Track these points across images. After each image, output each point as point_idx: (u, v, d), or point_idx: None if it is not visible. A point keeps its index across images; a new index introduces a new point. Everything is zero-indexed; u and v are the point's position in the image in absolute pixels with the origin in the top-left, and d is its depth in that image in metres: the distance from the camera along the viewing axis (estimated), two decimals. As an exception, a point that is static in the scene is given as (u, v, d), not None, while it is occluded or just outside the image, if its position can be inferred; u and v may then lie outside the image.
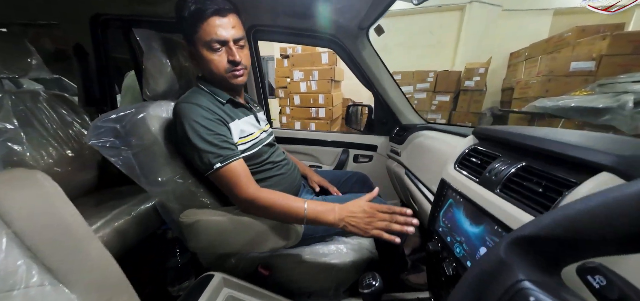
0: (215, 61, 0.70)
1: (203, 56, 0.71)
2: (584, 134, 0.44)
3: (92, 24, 1.19)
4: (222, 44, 0.70)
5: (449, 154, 0.73)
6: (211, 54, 0.70)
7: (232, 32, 0.70)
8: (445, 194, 0.61)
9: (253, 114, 0.86)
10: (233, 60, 0.71)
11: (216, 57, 0.70)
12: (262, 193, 0.67)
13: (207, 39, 0.68)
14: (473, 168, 0.55)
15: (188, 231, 0.72)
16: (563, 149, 0.38)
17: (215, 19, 0.67)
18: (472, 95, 4.15)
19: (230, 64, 0.71)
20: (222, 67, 0.71)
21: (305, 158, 1.44)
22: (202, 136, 0.66)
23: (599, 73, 2.73)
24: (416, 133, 1.05)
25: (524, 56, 3.82)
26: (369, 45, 1.15)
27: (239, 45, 0.72)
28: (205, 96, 0.74)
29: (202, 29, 0.67)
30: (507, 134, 0.49)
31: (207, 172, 0.67)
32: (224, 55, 0.71)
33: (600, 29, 2.97)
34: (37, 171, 0.40)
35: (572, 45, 3.11)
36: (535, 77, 3.14)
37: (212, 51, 0.69)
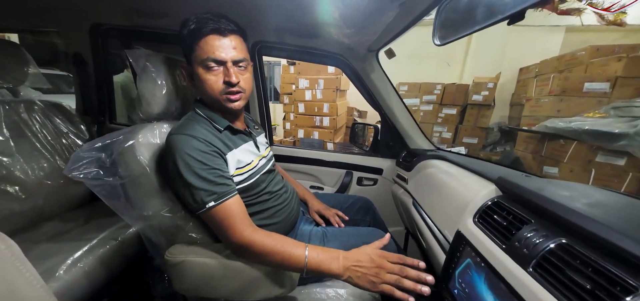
0: (210, 81, 0.66)
1: (199, 76, 0.66)
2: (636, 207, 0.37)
3: (92, 33, 1.15)
4: (219, 63, 0.65)
5: (465, 198, 0.66)
6: (206, 74, 0.66)
7: (231, 53, 0.66)
8: (462, 251, 0.54)
9: (252, 140, 0.80)
10: (229, 81, 0.66)
11: (211, 77, 0.66)
12: (258, 237, 0.60)
13: (203, 57, 0.64)
14: (497, 229, 0.48)
15: (173, 271, 0.65)
16: (621, 242, 0.31)
17: (214, 37, 0.64)
18: (479, 110, 4.07)
19: (225, 86, 0.67)
20: (217, 88, 0.67)
21: (306, 178, 1.37)
22: (195, 171, 0.60)
23: (614, 95, 2.64)
24: (426, 162, 0.98)
25: (534, 72, 3.74)
26: (378, 67, 1.09)
27: (238, 67, 0.68)
28: (201, 123, 0.68)
29: (199, 47, 0.64)
30: (542, 200, 0.42)
31: (198, 210, 0.61)
32: (221, 76, 0.66)
33: (615, 49, 2.89)
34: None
35: (585, 64, 3.02)
36: (546, 96, 3.05)
37: (208, 69, 0.65)
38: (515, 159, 3.25)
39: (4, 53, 1.03)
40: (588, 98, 2.78)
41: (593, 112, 2.59)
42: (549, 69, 3.40)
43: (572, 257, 0.36)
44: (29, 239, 0.94)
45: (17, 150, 1.01)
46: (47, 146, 1.10)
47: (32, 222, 1.04)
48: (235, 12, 0.69)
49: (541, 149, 2.87)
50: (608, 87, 2.67)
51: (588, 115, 2.58)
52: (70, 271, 0.76)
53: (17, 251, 0.36)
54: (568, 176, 2.52)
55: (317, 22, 0.89)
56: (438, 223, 0.74)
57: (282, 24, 0.95)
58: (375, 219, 1.08)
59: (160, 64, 0.72)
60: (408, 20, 0.68)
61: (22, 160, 1.02)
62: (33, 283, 0.37)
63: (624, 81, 2.56)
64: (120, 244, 0.92)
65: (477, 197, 0.57)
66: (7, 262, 0.35)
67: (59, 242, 0.91)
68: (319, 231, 0.87)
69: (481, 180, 0.69)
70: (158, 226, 0.68)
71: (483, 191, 0.57)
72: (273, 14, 0.89)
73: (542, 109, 3.06)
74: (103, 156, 0.61)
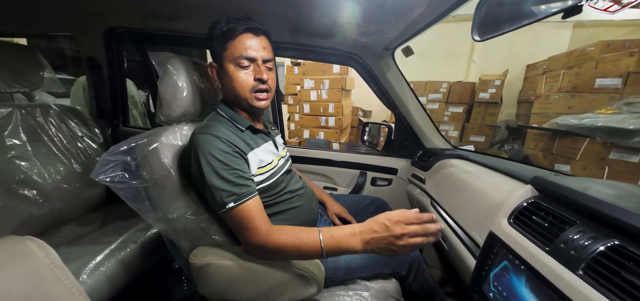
0: (241, 78, 0.68)
1: (229, 73, 0.68)
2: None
3: (106, 37, 1.15)
4: (251, 61, 0.68)
5: (494, 198, 0.64)
6: (238, 71, 0.68)
7: (262, 52, 0.68)
8: (497, 253, 0.52)
9: (271, 139, 0.81)
10: (260, 78, 0.68)
11: (243, 75, 0.68)
12: (273, 235, 0.60)
13: (236, 54, 0.66)
14: (537, 231, 0.46)
15: (197, 274, 0.65)
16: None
17: (247, 36, 0.67)
18: (486, 107, 4.03)
19: (257, 82, 0.69)
20: (248, 85, 0.69)
21: (320, 179, 1.36)
22: (217, 171, 0.61)
23: (626, 91, 2.60)
24: (445, 161, 0.97)
25: (542, 69, 3.69)
26: (394, 66, 1.08)
27: (267, 66, 0.70)
28: (223, 123, 0.69)
29: (232, 45, 0.66)
30: (589, 200, 0.41)
31: (219, 210, 0.62)
32: (251, 73, 0.69)
33: (626, 44, 2.84)
34: (29, 239, 0.34)
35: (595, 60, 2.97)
36: (556, 93, 3.01)
37: (240, 67, 0.67)
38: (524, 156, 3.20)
39: (20, 58, 1.03)
40: (599, 94, 2.74)
41: (605, 108, 2.55)
42: (558, 65, 3.35)
43: (627, 258, 0.34)
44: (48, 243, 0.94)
45: (34, 154, 1.02)
46: (63, 149, 1.11)
47: (50, 226, 1.04)
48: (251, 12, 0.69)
49: (552, 146, 2.83)
50: (620, 83, 2.62)
51: (600, 111, 2.53)
52: (93, 275, 0.76)
53: (55, 258, 0.36)
54: (580, 173, 2.49)
55: (333, 21, 0.88)
56: (463, 224, 0.72)
57: (298, 25, 0.95)
58: None
59: (181, 66, 0.71)
60: (434, 16, 0.67)
61: (39, 164, 1.02)
62: (72, 291, 0.36)
63: (636, 77, 2.51)
64: (140, 247, 0.92)
65: (511, 197, 0.55)
66: (47, 270, 0.35)
67: (79, 245, 0.91)
68: None
69: (509, 180, 0.68)
70: (182, 229, 0.67)
71: (517, 192, 0.56)
72: (289, 15, 0.88)
73: (553, 106, 3.02)
74: (128, 159, 0.61)
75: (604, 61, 2.83)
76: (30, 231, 0.97)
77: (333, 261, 0.74)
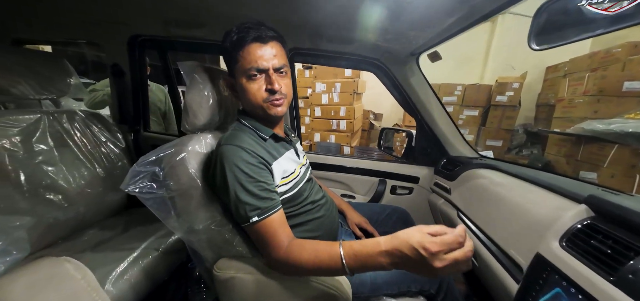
0: (253, 89, 0.66)
1: (242, 86, 0.67)
2: None
3: (130, 44, 1.17)
4: (261, 72, 0.65)
5: (536, 216, 0.60)
6: (249, 83, 0.66)
7: (273, 60, 0.65)
8: (547, 278, 0.48)
9: (293, 147, 0.79)
10: (271, 88, 0.66)
11: (254, 86, 0.66)
12: (294, 250, 0.58)
13: (246, 67, 0.64)
14: (597, 257, 0.42)
15: (221, 287, 0.64)
16: None
17: (255, 46, 0.64)
18: (504, 111, 3.90)
19: (268, 93, 0.67)
20: (260, 96, 0.66)
21: (337, 186, 1.34)
22: (242, 183, 0.60)
23: (659, 95, 2.45)
24: (474, 171, 0.92)
25: (563, 71, 3.54)
26: (418, 71, 1.05)
27: (279, 74, 0.68)
28: (247, 132, 0.68)
29: (242, 58, 0.64)
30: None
31: (243, 224, 0.61)
32: (263, 83, 0.66)
33: (657, 45, 2.68)
34: (66, 260, 0.33)
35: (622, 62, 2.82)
36: (581, 96, 2.88)
37: (250, 79, 0.65)
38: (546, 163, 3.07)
39: (48, 65, 1.06)
40: (628, 98, 2.60)
41: (634, 113, 2.42)
42: (581, 67, 3.21)
43: None
44: (73, 248, 0.96)
45: (60, 159, 1.04)
46: (87, 154, 1.13)
47: (74, 230, 1.06)
48: (273, 20, 0.68)
49: (576, 152, 2.70)
50: (651, 86, 2.48)
51: (629, 116, 2.40)
52: (117, 284, 0.76)
53: (92, 279, 0.35)
54: (608, 181, 2.36)
55: (357, 27, 0.86)
56: (499, 242, 0.68)
57: (320, 31, 0.93)
58: None
59: (206, 75, 0.71)
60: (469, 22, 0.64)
61: (64, 169, 1.04)
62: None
63: (670, 79, 2.36)
64: (162, 254, 0.92)
65: (561, 217, 0.51)
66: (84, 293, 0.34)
67: (102, 251, 0.92)
68: None
69: (552, 195, 0.63)
70: (206, 239, 0.66)
71: (569, 211, 0.51)
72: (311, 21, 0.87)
73: (577, 110, 2.88)
74: (156, 170, 0.61)
75: (632, 63, 2.69)
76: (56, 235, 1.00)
77: (358, 277, 0.71)
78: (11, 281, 0.31)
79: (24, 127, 0.93)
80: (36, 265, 0.32)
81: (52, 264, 0.33)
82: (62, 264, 0.34)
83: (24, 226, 0.83)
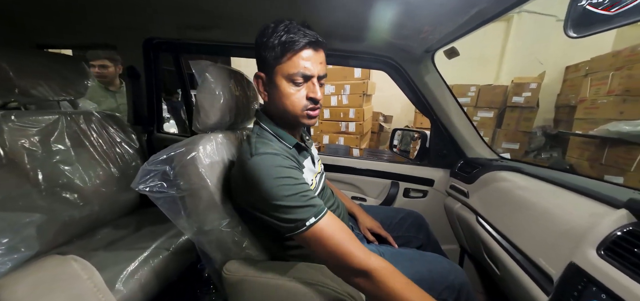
0: (293, 96, 0.62)
1: (280, 89, 0.62)
2: None
3: (145, 47, 1.19)
4: (307, 78, 0.62)
5: (568, 222, 0.55)
6: (291, 88, 0.62)
7: (319, 68, 0.63)
8: (583, 290, 0.44)
9: (310, 155, 0.75)
10: (314, 97, 0.63)
11: (295, 92, 0.62)
12: (385, 266, 0.51)
13: (292, 71, 0.60)
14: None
15: (231, 289, 0.62)
16: None
17: (308, 50, 0.60)
18: (521, 112, 3.76)
19: (309, 101, 0.64)
20: (300, 104, 0.63)
21: (347, 188, 1.31)
22: (288, 189, 0.54)
23: (691, 94, 2.29)
24: (495, 174, 0.87)
25: (584, 71, 3.37)
26: (433, 69, 1.01)
27: (320, 83, 0.65)
28: (272, 140, 0.65)
29: (289, 60, 0.60)
30: None
31: (298, 231, 0.53)
32: (304, 91, 0.63)
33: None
34: (73, 259, 0.32)
35: (651, 60, 2.66)
36: (605, 96, 2.73)
37: (294, 84, 0.62)
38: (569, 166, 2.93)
39: (67, 67, 1.09)
40: (657, 98, 2.44)
41: (665, 114, 2.26)
42: (604, 66, 3.04)
43: None
44: (87, 246, 0.98)
45: (77, 159, 1.06)
46: (103, 154, 1.15)
47: (88, 228, 1.08)
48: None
49: (601, 156, 2.55)
50: (683, 86, 2.32)
51: (658, 117, 2.25)
52: (127, 283, 0.76)
53: (98, 280, 0.34)
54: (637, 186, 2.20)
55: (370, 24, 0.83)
56: (526, 249, 0.63)
57: (331, 29, 0.91)
58: (429, 239, 0.98)
59: (218, 74, 0.70)
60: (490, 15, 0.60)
61: (80, 168, 1.06)
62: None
63: None
64: (172, 255, 0.92)
65: (598, 223, 0.46)
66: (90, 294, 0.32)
67: (115, 250, 0.93)
68: (373, 250, 0.80)
69: (586, 200, 0.58)
70: (216, 241, 0.65)
71: (606, 217, 0.47)
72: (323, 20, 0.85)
73: (600, 111, 2.74)
74: (167, 169, 0.60)
75: (662, 61, 2.53)
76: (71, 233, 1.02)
77: None
78: (15, 280, 0.31)
79: (43, 127, 0.96)
80: (42, 263, 0.31)
81: (58, 263, 0.32)
82: (68, 263, 0.33)
83: (34, 223, 0.84)
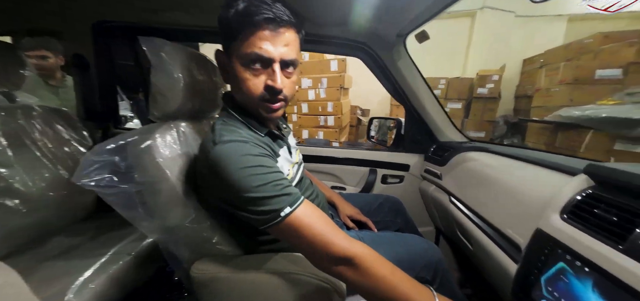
0: (248, 83, 0.54)
1: (236, 72, 0.54)
2: None
3: (95, 31, 1.06)
4: (265, 62, 0.53)
5: (532, 193, 0.58)
6: (245, 72, 0.53)
7: (282, 50, 0.52)
8: (549, 254, 0.46)
9: (286, 144, 0.69)
10: (272, 86, 0.53)
11: (251, 77, 0.53)
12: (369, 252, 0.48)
13: (246, 51, 0.51)
14: (603, 227, 0.40)
15: (202, 290, 0.57)
16: None
17: (265, 28, 0.50)
18: (485, 103, 4.03)
19: (266, 91, 0.54)
20: (256, 92, 0.54)
21: (327, 178, 1.29)
22: (258, 176, 0.48)
23: (627, 81, 2.59)
24: (465, 155, 0.91)
25: (539, 63, 3.69)
26: (406, 54, 1.02)
27: (287, 71, 0.56)
28: (241, 127, 0.58)
29: (244, 37, 0.51)
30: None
31: (272, 222, 0.48)
32: (262, 77, 0.54)
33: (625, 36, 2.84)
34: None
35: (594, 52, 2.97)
36: (557, 85, 3.00)
37: (248, 68, 0.53)
38: (528, 151, 3.17)
39: None
40: (600, 86, 2.73)
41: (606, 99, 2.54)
42: (557, 58, 3.35)
43: None
44: (35, 257, 0.86)
45: (16, 160, 0.92)
46: (48, 154, 1.01)
47: (37, 238, 0.95)
48: None
49: (555, 139, 2.81)
50: (620, 74, 2.62)
51: (602, 102, 2.52)
52: (80, 293, 0.67)
53: (19, 284, 0.28)
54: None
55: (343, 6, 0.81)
56: (495, 222, 0.66)
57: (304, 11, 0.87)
58: (406, 222, 1.00)
59: (176, 55, 0.63)
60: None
61: (22, 171, 0.93)
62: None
63: (636, 67, 2.50)
64: (134, 259, 0.83)
65: (560, 190, 0.49)
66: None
67: (67, 260, 0.82)
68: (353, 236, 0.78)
69: (547, 171, 0.61)
70: (183, 239, 0.59)
71: (567, 184, 0.49)
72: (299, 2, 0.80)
73: (554, 98, 3.00)
74: (117, 160, 0.53)
75: (603, 52, 2.83)
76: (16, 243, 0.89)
77: None
78: None
79: (-32, 124, 0.81)
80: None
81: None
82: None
83: None
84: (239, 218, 0.52)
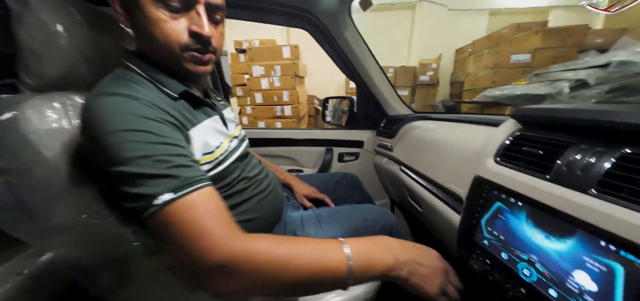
0: (164, 24, 0.43)
1: (147, 16, 0.42)
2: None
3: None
4: (188, 3, 0.43)
5: (469, 147, 0.60)
6: (157, 11, 0.42)
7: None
8: (487, 197, 0.47)
9: (218, 114, 0.58)
10: (199, 33, 0.44)
11: (166, 18, 0.43)
12: (259, 245, 0.37)
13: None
14: (531, 162, 0.42)
15: None
16: None
17: None
18: (427, 89, 4.42)
19: (192, 39, 0.45)
20: (177, 39, 0.44)
21: (283, 162, 1.22)
22: (138, 146, 0.37)
23: (534, 64, 3.09)
24: (410, 125, 0.93)
25: (468, 52, 4.18)
26: (351, 24, 0.99)
27: (214, 19, 0.47)
28: (141, 83, 0.45)
29: None
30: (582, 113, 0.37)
31: (145, 211, 0.36)
32: (183, 21, 0.44)
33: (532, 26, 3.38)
34: None
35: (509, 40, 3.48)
36: (482, 70, 3.42)
37: (166, 8, 0.42)
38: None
39: None
40: (515, 69, 3.21)
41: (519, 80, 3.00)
42: (482, 47, 3.83)
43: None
44: None
45: None
46: None
47: None
48: None
49: (483, 116, 3.22)
50: (529, 58, 3.11)
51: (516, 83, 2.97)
52: None
53: None
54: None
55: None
56: (439, 180, 0.68)
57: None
58: (363, 196, 1.00)
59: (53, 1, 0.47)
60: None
61: None
62: None
63: (541, 52, 3.01)
64: (27, 280, 0.63)
65: (492, 138, 0.51)
66: None
67: None
68: (311, 214, 0.73)
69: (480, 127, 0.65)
70: (84, 241, 0.46)
71: (497, 132, 0.51)
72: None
73: (480, 81, 3.43)
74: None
75: (516, 41, 3.32)
76: None
77: None
78: None
79: None
80: None
81: None
82: None
83: None
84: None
